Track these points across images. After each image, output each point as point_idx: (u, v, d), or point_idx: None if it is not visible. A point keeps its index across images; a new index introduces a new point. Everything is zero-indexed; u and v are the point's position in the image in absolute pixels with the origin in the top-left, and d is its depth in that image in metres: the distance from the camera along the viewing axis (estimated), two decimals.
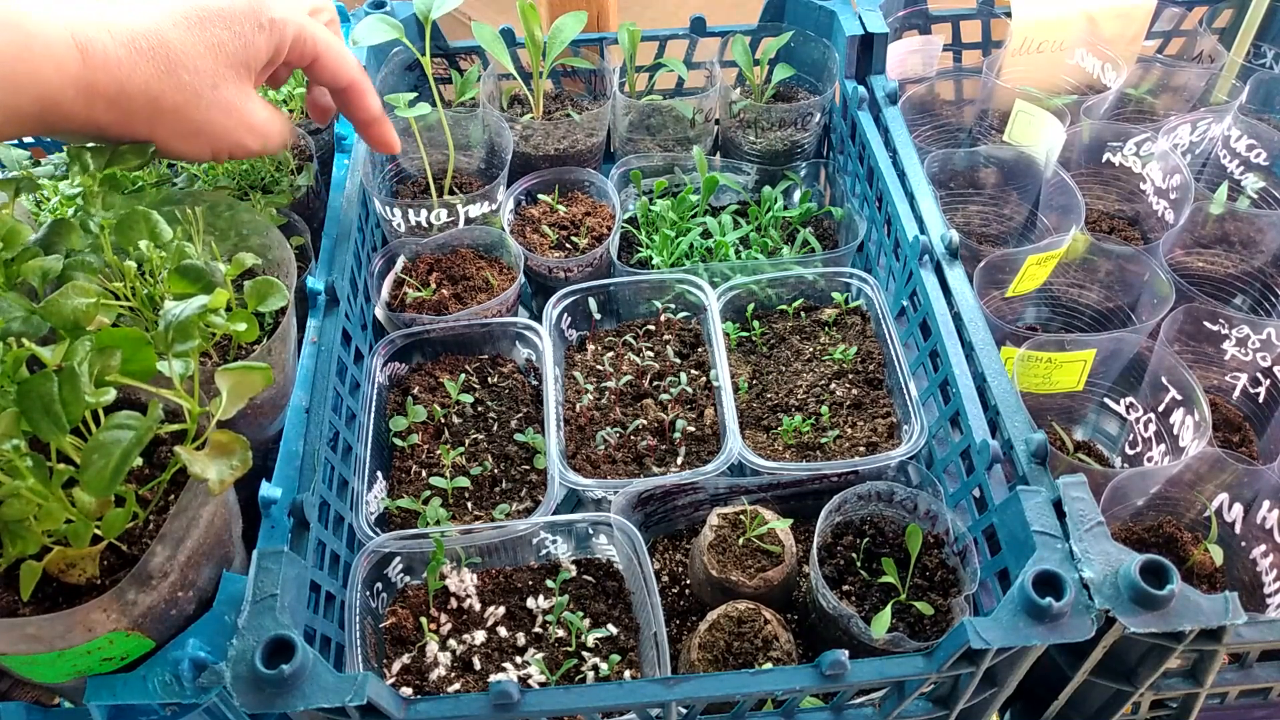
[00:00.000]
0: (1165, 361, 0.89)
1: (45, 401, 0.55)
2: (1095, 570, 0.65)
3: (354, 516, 0.85)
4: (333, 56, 0.81)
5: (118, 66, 0.65)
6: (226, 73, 0.72)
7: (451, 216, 1.11)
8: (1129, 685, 0.73)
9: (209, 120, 0.72)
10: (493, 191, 1.12)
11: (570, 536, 0.90)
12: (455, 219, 1.11)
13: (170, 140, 0.72)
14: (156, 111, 0.69)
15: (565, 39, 1.17)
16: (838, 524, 0.88)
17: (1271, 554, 0.83)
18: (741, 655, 0.79)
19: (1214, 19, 1.31)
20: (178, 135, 0.72)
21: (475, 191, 1.11)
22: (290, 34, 0.76)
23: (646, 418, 0.99)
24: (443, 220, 1.11)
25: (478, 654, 0.83)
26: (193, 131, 0.72)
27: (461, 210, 1.10)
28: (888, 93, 1.14)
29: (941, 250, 0.95)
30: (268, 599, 0.64)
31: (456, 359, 1.07)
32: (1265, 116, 1.20)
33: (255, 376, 0.64)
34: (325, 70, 0.82)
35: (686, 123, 1.26)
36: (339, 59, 0.82)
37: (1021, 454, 0.77)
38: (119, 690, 0.62)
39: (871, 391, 1.01)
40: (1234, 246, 1.11)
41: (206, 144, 0.74)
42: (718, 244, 1.14)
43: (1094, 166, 1.17)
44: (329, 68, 0.82)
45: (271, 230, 0.88)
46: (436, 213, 1.10)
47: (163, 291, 0.75)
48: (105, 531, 0.61)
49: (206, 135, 0.73)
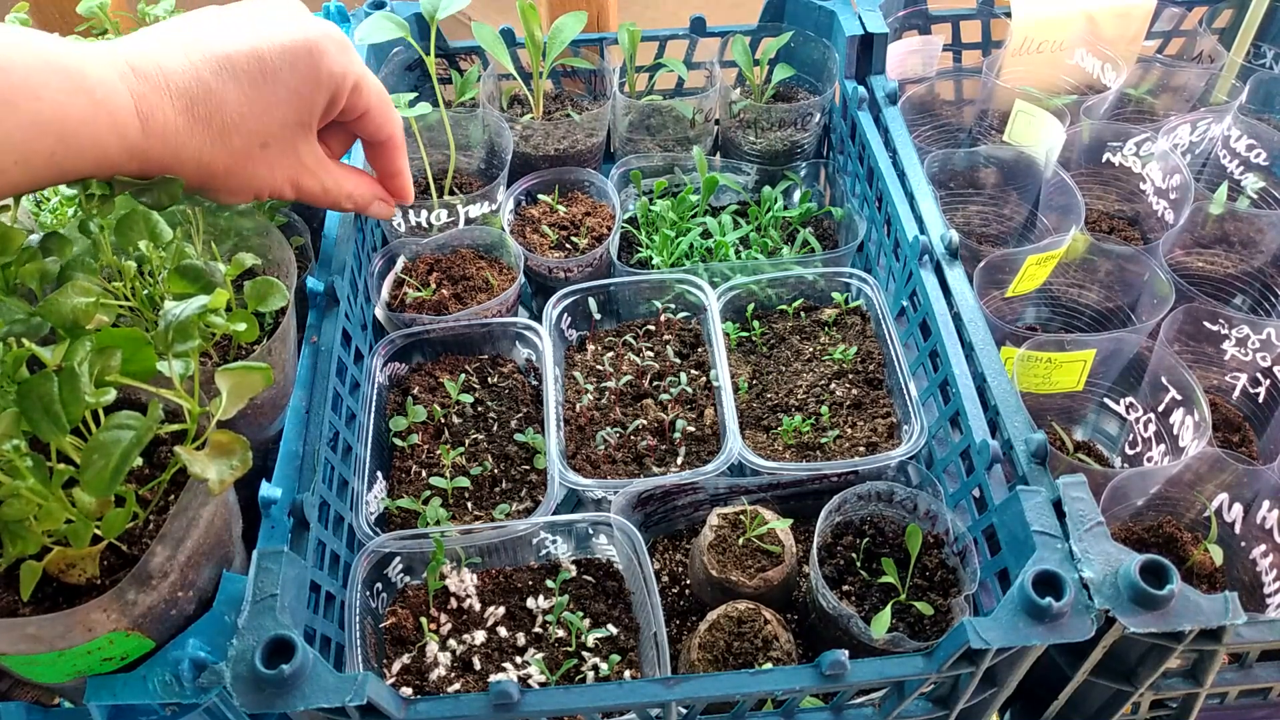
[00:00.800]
0: (1165, 361, 0.89)
1: (45, 401, 0.55)
2: (1095, 570, 0.65)
3: (354, 516, 0.85)
4: (382, 110, 0.79)
5: (175, 135, 0.64)
6: (280, 132, 0.70)
7: (451, 216, 1.11)
8: (1129, 685, 0.73)
9: (255, 175, 0.71)
10: (492, 191, 1.12)
11: (570, 536, 0.90)
12: (455, 219, 1.11)
13: (214, 195, 0.71)
14: (207, 175, 0.68)
15: (565, 39, 1.17)
16: (838, 524, 0.88)
17: (1271, 554, 0.83)
18: (741, 655, 0.79)
19: (1214, 19, 1.31)
20: (223, 192, 0.71)
21: (475, 191, 1.11)
22: (348, 87, 0.73)
23: (646, 418, 0.99)
24: (443, 220, 1.11)
25: (478, 654, 0.83)
26: (238, 188, 0.71)
27: (461, 210, 1.11)
28: (888, 93, 1.14)
29: (941, 250, 0.95)
30: (268, 599, 0.64)
31: (456, 359, 1.07)
32: (1265, 116, 1.20)
33: (255, 377, 0.64)
34: (371, 123, 0.79)
35: (686, 123, 1.26)
36: (386, 113, 0.79)
37: (1021, 454, 0.77)
38: (119, 690, 0.62)
39: (871, 391, 1.01)
40: (1234, 246, 1.11)
41: (249, 195, 0.73)
42: (718, 244, 1.14)
43: (1094, 166, 1.17)
44: (375, 120, 0.79)
45: (271, 230, 0.88)
46: (437, 213, 1.10)
47: (163, 291, 0.75)
48: (105, 531, 0.61)
49: (251, 189, 0.72)
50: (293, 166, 0.73)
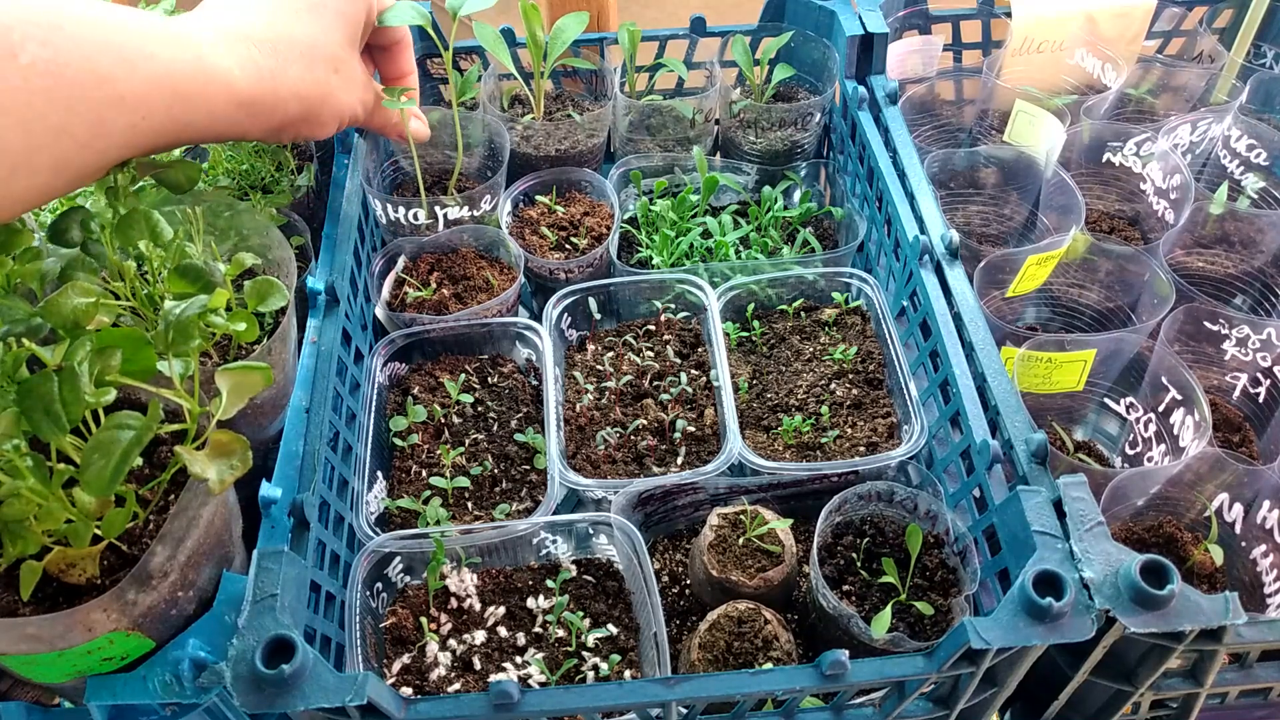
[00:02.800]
0: (1165, 361, 0.89)
1: (45, 401, 0.55)
2: (1095, 570, 0.65)
3: (354, 516, 0.85)
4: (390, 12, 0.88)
5: (272, 77, 0.70)
6: (342, 52, 0.78)
7: (451, 215, 1.11)
8: (1129, 685, 0.73)
9: (339, 101, 0.78)
10: (492, 190, 1.11)
11: (570, 536, 0.90)
12: (453, 219, 1.11)
13: (310, 131, 0.77)
14: (305, 109, 0.74)
15: (567, 39, 1.17)
16: (838, 524, 0.88)
17: (1271, 554, 0.83)
18: (741, 655, 0.79)
19: (1214, 19, 1.31)
20: (316, 124, 0.77)
21: (473, 190, 1.11)
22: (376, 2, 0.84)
23: (646, 418, 0.99)
24: (444, 220, 1.11)
25: (478, 654, 0.83)
26: (330, 117, 0.78)
27: (458, 213, 1.10)
28: (888, 93, 1.14)
29: (941, 250, 0.95)
30: (268, 599, 0.64)
31: (457, 359, 1.07)
32: (1265, 116, 1.20)
33: (255, 376, 0.64)
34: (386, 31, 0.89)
35: (686, 123, 1.26)
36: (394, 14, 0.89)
37: (1021, 454, 0.77)
38: (119, 690, 0.62)
39: (871, 391, 1.01)
40: (1234, 246, 1.11)
41: (335, 123, 0.80)
42: (718, 244, 1.14)
43: (1094, 166, 1.17)
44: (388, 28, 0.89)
45: (271, 230, 0.88)
46: (438, 210, 1.09)
47: (163, 291, 0.75)
48: (105, 531, 0.61)
49: (337, 116, 0.79)
50: (359, 87, 0.82)
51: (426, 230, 1.11)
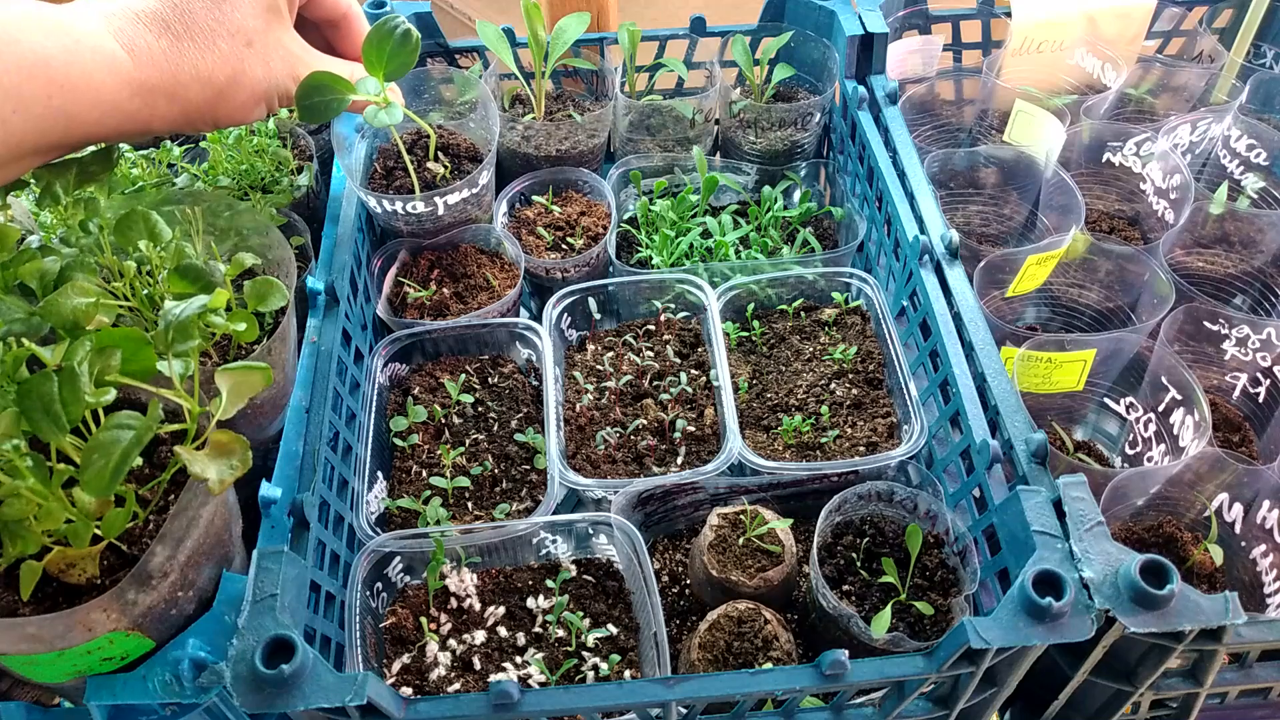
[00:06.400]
0: (1165, 361, 0.89)
1: (45, 401, 0.55)
2: (1095, 570, 0.65)
3: (354, 516, 0.85)
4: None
5: (164, 57, 0.64)
6: (255, 24, 0.70)
7: (451, 200, 1.06)
8: (1129, 685, 0.73)
9: (254, 78, 0.71)
10: (475, 177, 1.06)
11: (570, 536, 0.90)
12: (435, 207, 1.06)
13: (230, 116, 0.71)
14: (213, 92, 0.68)
15: (568, 39, 1.17)
16: (838, 524, 0.88)
17: (1271, 554, 0.83)
18: (741, 655, 0.79)
19: (1214, 19, 1.31)
20: (233, 107, 0.71)
21: (461, 182, 1.06)
22: None
23: (646, 418, 0.99)
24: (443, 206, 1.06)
25: (478, 654, 0.83)
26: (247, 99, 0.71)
27: (458, 196, 1.06)
28: (888, 93, 1.14)
29: (941, 250, 0.95)
30: (268, 599, 0.64)
31: (457, 359, 1.07)
32: (1265, 116, 1.20)
33: (255, 376, 0.64)
34: (327, 2, 0.82)
35: (686, 123, 1.26)
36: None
37: (1021, 454, 0.77)
38: (119, 690, 0.62)
39: (871, 391, 1.01)
40: (1234, 246, 1.11)
41: (260, 105, 0.73)
42: (718, 244, 1.14)
43: (1094, 166, 1.17)
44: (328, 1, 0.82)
45: (271, 230, 0.88)
46: (438, 200, 1.05)
47: (163, 291, 0.75)
48: (105, 531, 0.61)
49: (258, 96, 0.73)
50: (285, 59, 0.74)
51: (426, 218, 1.08)
